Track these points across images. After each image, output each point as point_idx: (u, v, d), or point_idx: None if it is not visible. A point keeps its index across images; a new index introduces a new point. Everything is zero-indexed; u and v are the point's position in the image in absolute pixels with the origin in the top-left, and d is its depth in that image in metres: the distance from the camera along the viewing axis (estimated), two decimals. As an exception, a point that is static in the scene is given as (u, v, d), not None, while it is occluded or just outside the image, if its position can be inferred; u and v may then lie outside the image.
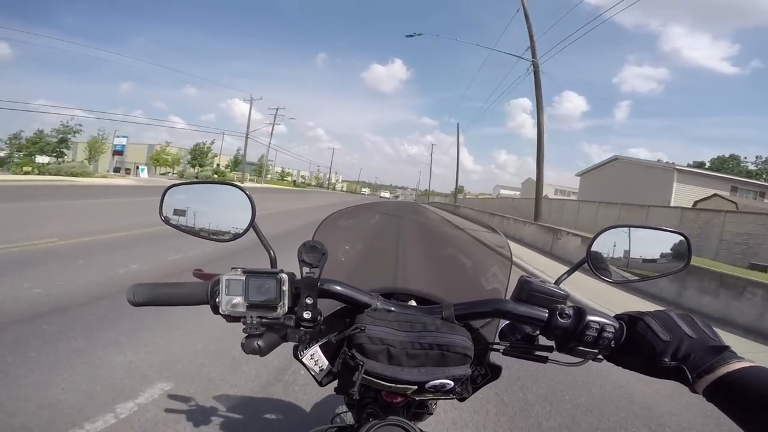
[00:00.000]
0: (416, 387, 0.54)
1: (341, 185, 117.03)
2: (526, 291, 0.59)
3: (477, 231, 1.01)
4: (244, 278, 0.53)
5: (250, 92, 42.96)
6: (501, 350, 0.62)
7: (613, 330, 0.53)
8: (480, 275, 0.84)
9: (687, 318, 0.52)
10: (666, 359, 0.49)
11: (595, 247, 0.65)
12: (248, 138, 36.49)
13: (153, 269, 4.45)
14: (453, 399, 0.63)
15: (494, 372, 0.66)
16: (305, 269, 0.55)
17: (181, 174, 33.89)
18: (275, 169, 69.51)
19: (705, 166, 41.92)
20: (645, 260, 0.66)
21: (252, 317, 0.54)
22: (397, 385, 0.54)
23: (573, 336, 0.54)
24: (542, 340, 0.61)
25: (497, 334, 0.65)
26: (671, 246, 0.66)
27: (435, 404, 0.78)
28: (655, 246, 0.67)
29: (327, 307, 0.61)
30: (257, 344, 0.54)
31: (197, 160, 36.68)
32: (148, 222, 6.94)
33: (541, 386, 2.63)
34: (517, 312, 0.57)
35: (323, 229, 0.78)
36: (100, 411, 1.84)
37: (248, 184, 35.65)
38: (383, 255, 0.99)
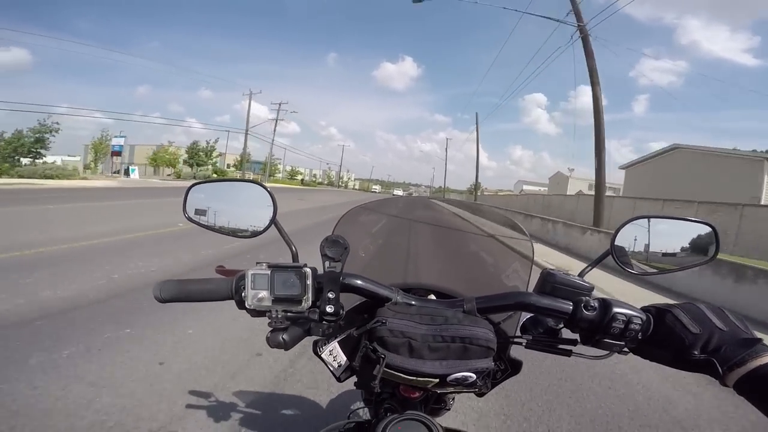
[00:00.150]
0: (438, 380, 0.54)
1: (353, 183, 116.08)
2: (550, 283, 0.58)
3: (496, 227, 1.00)
4: (270, 272, 0.54)
5: (259, 91, 40.56)
6: (523, 344, 0.61)
7: (640, 322, 0.52)
8: (500, 272, 0.84)
9: (717, 310, 0.51)
10: (696, 352, 0.48)
11: (620, 239, 0.63)
12: (251, 135, 35.38)
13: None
14: (472, 393, 0.63)
15: (514, 367, 0.65)
16: (327, 263, 0.55)
17: (178, 174, 32.59)
18: (284, 168, 67.66)
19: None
20: (667, 253, 0.65)
21: (277, 311, 0.55)
22: (419, 379, 0.54)
23: (599, 328, 0.53)
24: (565, 333, 0.60)
25: (518, 328, 0.64)
26: (698, 237, 0.65)
27: (453, 400, 0.78)
28: (681, 237, 0.65)
29: (346, 303, 0.62)
30: (282, 338, 0.55)
31: (194, 159, 35.14)
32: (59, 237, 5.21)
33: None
34: (541, 305, 0.57)
35: (342, 225, 0.78)
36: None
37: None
38: (401, 251, 0.99)
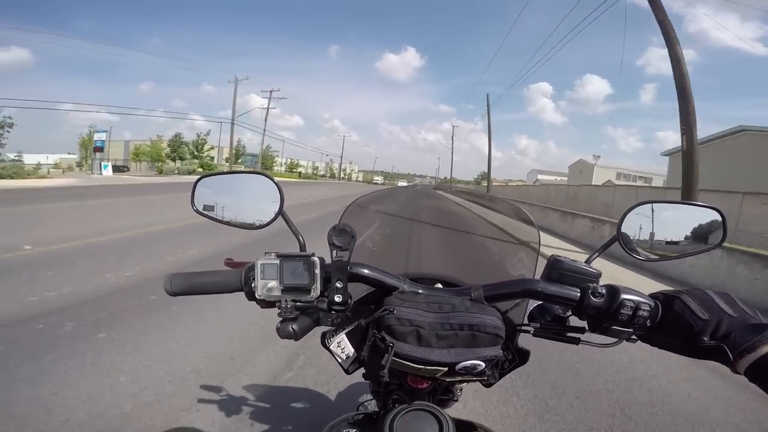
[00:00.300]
0: (446, 369, 0.54)
1: (357, 175, 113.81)
2: (557, 270, 0.58)
3: (501, 216, 1.00)
4: (279, 262, 0.54)
5: (246, 77, 37.19)
6: (531, 332, 0.61)
7: (649, 308, 0.51)
8: (507, 260, 0.84)
9: (725, 296, 0.50)
10: (705, 338, 0.47)
11: (626, 224, 0.63)
12: (249, 127, 33.98)
13: None
14: (481, 383, 0.63)
15: (522, 356, 0.65)
16: (335, 252, 0.56)
17: (160, 170, 30.80)
18: (282, 160, 64.12)
19: None
20: (673, 239, 0.64)
21: (287, 301, 0.55)
22: (427, 367, 0.53)
23: (606, 315, 0.53)
24: (573, 322, 0.60)
25: (526, 317, 0.64)
26: (705, 222, 0.64)
27: (461, 390, 0.78)
28: (688, 223, 0.64)
29: (353, 294, 0.62)
30: (292, 328, 0.56)
31: (177, 153, 33.33)
32: None
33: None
34: (549, 292, 0.56)
35: (347, 216, 0.79)
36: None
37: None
38: (406, 241, 1.00)
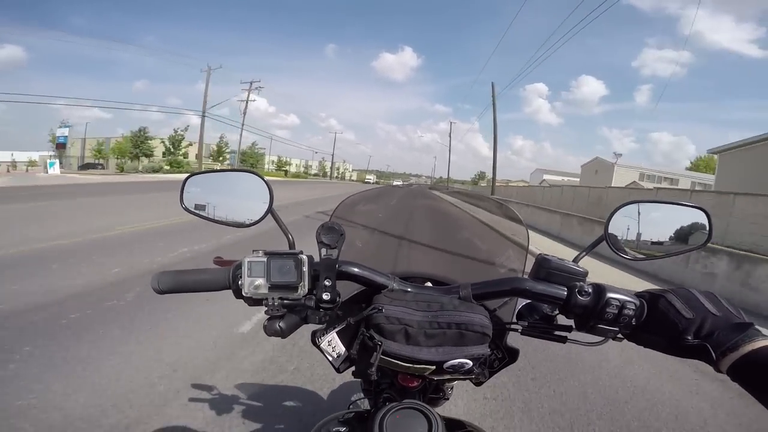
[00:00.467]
0: (434, 367, 0.54)
1: (350, 174, 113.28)
2: (545, 269, 0.58)
3: (490, 215, 1.00)
4: (266, 259, 0.54)
5: (219, 66, 34.41)
6: (519, 330, 0.61)
7: (634, 307, 0.52)
8: (496, 260, 0.84)
9: (709, 295, 0.51)
10: (689, 337, 0.47)
11: (613, 223, 0.64)
12: (206, 116, 29.21)
13: None
14: (470, 381, 0.63)
15: (511, 355, 0.65)
16: (323, 251, 0.56)
17: (121, 168, 27.75)
18: (269, 158, 61.11)
19: None
20: (660, 239, 0.65)
21: (274, 299, 0.55)
22: (416, 366, 0.54)
23: (593, 314, 0.53)
24: (561, 320, 0.61)
25: (514, 316, 0.64)
26: (691, 222, 0.65)
27: (451, 389, 0.78)
28: (675, 222, 0.65)
29: (342, 293, 0.62)
30: (279, 326, 0.55)
31: (140, 149, 30.50)
32: None
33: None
34: (536, 290, 0.57)
35: (338, 215, 0.79)
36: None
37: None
38: (397, 240, 1.00)
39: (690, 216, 0.65)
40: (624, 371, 2.83)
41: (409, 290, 0.60)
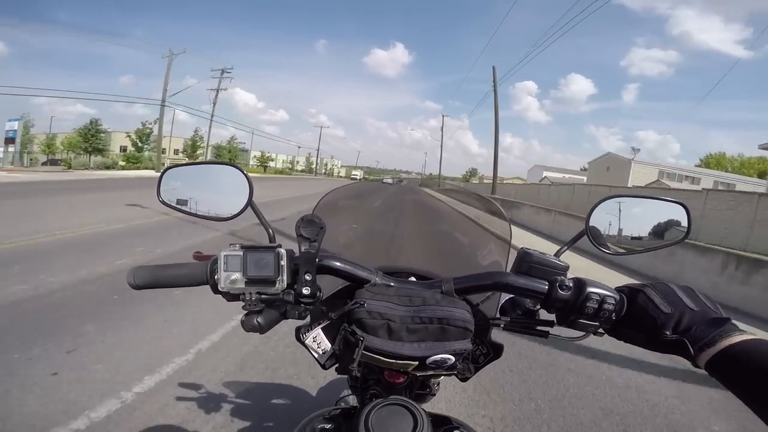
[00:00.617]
0: (417, 363, 0.54)
1: (339, 170, 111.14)
2: (526, 263, 0.59)
3: (475, 210, 1.01)
4: (242, 253, 0.53)
5: (183, 51, 27.06)
6: (501, 325, 0.61)
7: (614, 301, 0.52)
8: (480, 254, 0.84)
9: (688, 290, 0.51)
10: (667, 332, 0.47)
11: (594, 218, 0.64)
12: (166, 107, 25.51)
13: None
14: (455, 377, 0.63)
15: (496, 351, 0.65)
16: (304, 245, 0.55)
17: (69, 164, 24.14)
18: (251, 154, 57.09)
19: None
20: (640, 233, 0.65)
21: (251, 293, 0.54)
22: (398, 361, 0.53)
23: (573, 308, 0.53)
24: (543, 316, 0.61)
25: (498, 311, 0.64)
26: (670, 217, 0.66)
27: (438, 385, 0.78)
28: (655, 217, 0.66)
29: (327, 288, 0.61)
30: (257, 321, 0.54)
31: (90, 143, 27.05)
32: None
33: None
34: (518, 284, 0.57)
35: (320, 209, 0.77)
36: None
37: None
38: (382, 235, 0.99)
39: (669, 212, 0.66)
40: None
41: (392, 285, 0.59)
